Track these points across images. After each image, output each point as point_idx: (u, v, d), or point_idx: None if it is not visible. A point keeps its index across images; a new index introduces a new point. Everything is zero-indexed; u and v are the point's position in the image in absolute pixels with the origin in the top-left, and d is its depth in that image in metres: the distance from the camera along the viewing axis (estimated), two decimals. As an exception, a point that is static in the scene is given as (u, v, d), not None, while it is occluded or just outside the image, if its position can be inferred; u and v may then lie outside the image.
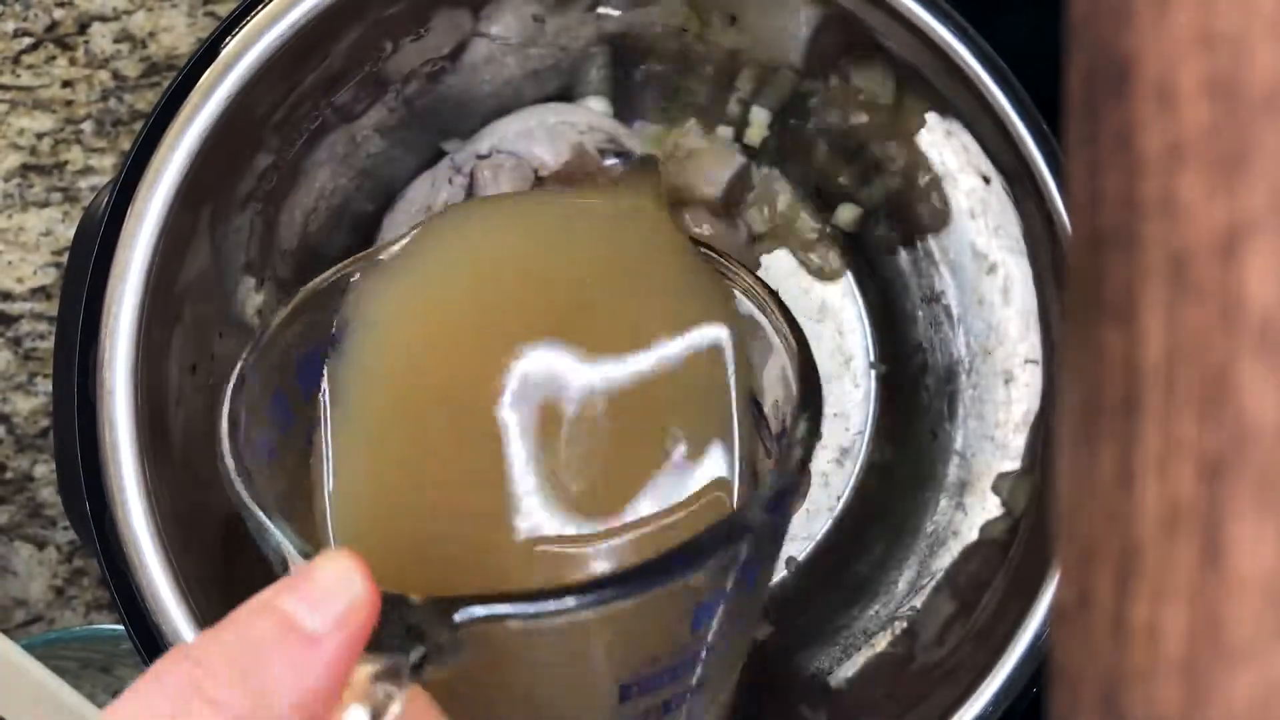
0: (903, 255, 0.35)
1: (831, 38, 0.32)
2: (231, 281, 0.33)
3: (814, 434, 0.20)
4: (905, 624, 0.33)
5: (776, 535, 0.22)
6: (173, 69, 0.38)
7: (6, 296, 0.38)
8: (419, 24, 0.33)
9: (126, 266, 0.28)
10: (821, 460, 0.36)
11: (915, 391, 0.36)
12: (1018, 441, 0.32)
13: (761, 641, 0.35)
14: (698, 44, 0.35)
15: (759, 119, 0.36)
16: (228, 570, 0.31)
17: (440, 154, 0.37)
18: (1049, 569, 0.27)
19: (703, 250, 0.24)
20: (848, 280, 0.36)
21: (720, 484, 0.22)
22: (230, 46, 0.29)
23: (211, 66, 0.29)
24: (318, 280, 0.23)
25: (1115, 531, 0.14)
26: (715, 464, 0.22)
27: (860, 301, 0.36)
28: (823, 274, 0.36)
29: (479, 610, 0.17)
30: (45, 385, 0.38)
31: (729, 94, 0.36)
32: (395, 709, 0.16)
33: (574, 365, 0.22)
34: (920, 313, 0.36)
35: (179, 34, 0.38)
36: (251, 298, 0.34)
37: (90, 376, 0.28)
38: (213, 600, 0.29)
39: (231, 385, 0.21)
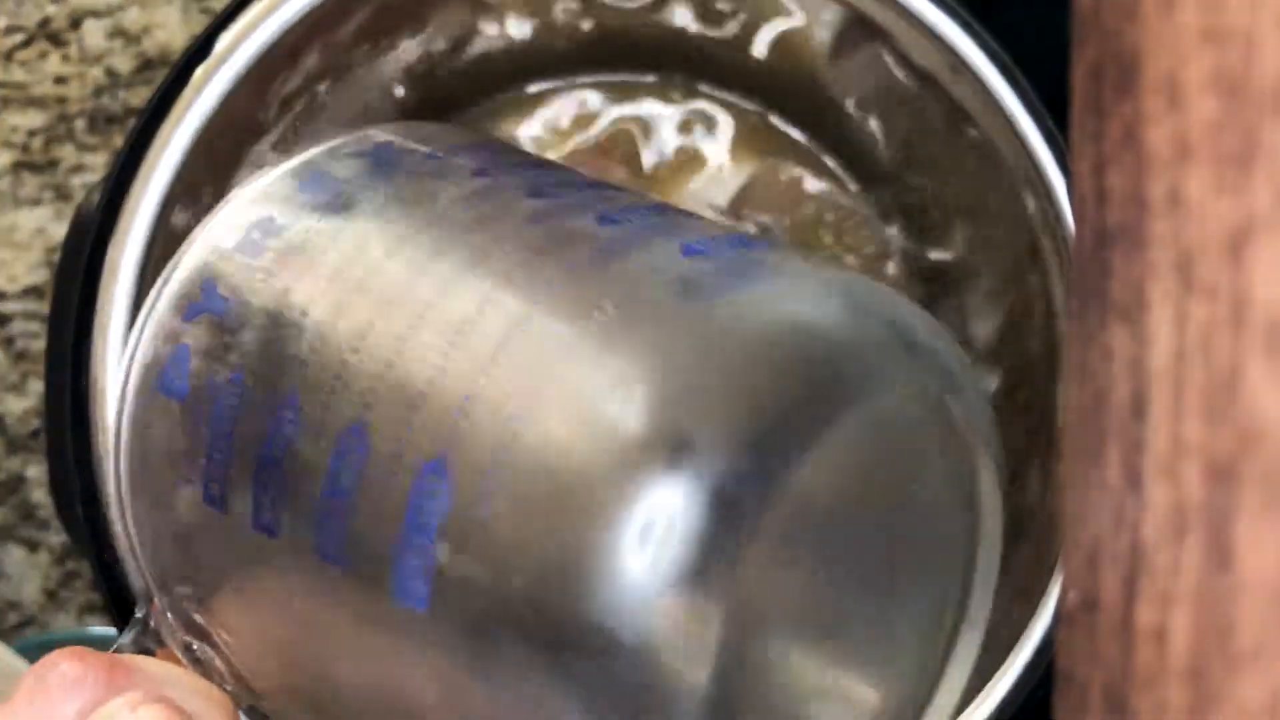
0: None
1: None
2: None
3: None
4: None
5: None
6: (166, 65, 0.38)
7: (-1, 295, 0.38)
8: (417, 19, 0.33)
9: (119, 265, 0.28)
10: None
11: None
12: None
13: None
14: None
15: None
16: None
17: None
18: (1055, 571, 0.27)
19: None
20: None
21: None
22: (224, 42, 0.28)
23: (205, 62, 0.28)
24: None
25: (1122, 533, 0.14)
26: None
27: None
28: None
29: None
30: (37, 385, 0.38)
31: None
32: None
33: None
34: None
35: (173, 29, 0.38)
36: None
37: (83, 377, 0.28)
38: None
39: None
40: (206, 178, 0.30)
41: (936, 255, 0.35)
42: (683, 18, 0.34)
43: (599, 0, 0.34)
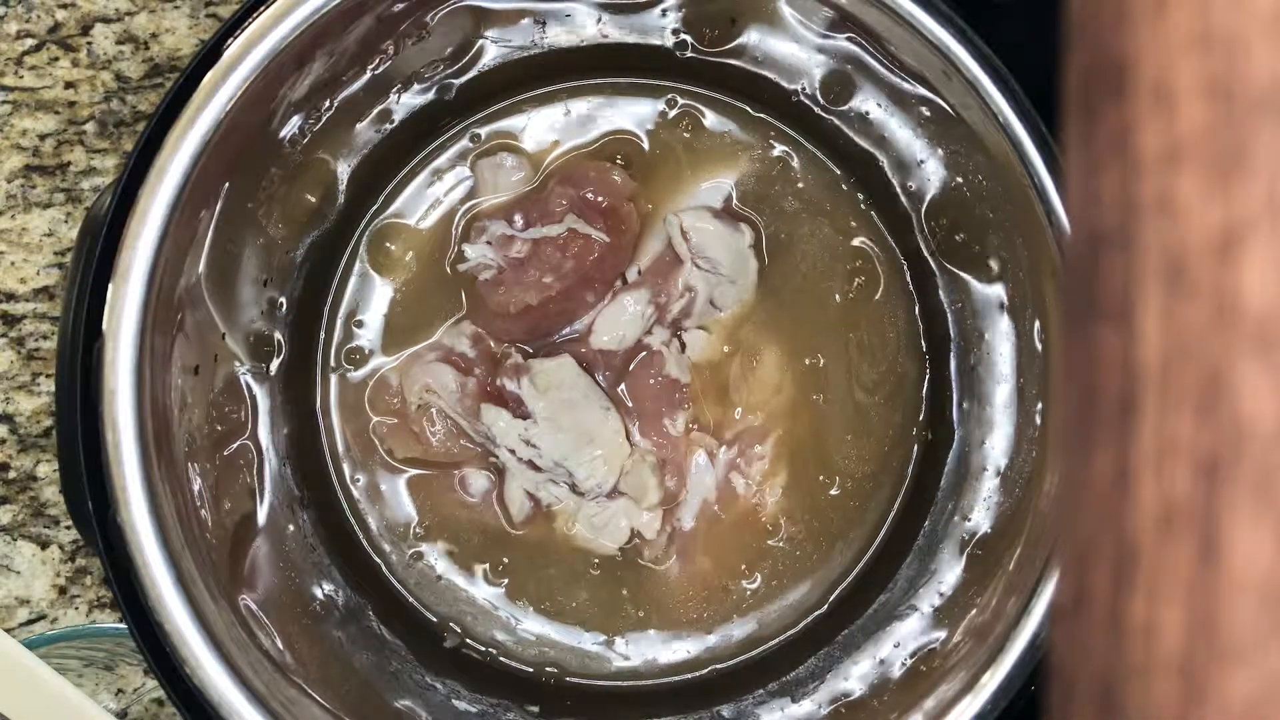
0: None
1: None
2: (234, 283, 0.33)
3: None
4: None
5: None
6: (175, 70, 0.38)
7: (9, 297, 0.38)
8: (421, 26, 0.33)
9: (129, 267, 0.28)
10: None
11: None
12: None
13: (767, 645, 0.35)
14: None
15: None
16: (230, 568, 0.31)
17: (442, 150, 0.37)
18: (1047, 568, 0.27)
19: None
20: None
21: None
22: (233, 48, 0.29)
23: (214, 68, 0.29)
24: None
25: (1112, 531, 0.14)
26: None
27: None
28: None
29: None
30: (48, 385, 0.38)
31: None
32: None
33: None
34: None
35: (181, 35, 0.38)
36: (255, 299, 0.34)
37: (93, 377, 0.28)
38: (214, 598, 0.29)
39: None
40: (215, 182, 0.30)
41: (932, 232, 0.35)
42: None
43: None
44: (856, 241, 0.36)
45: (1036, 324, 0.31)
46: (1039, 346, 0.31)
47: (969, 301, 0.34)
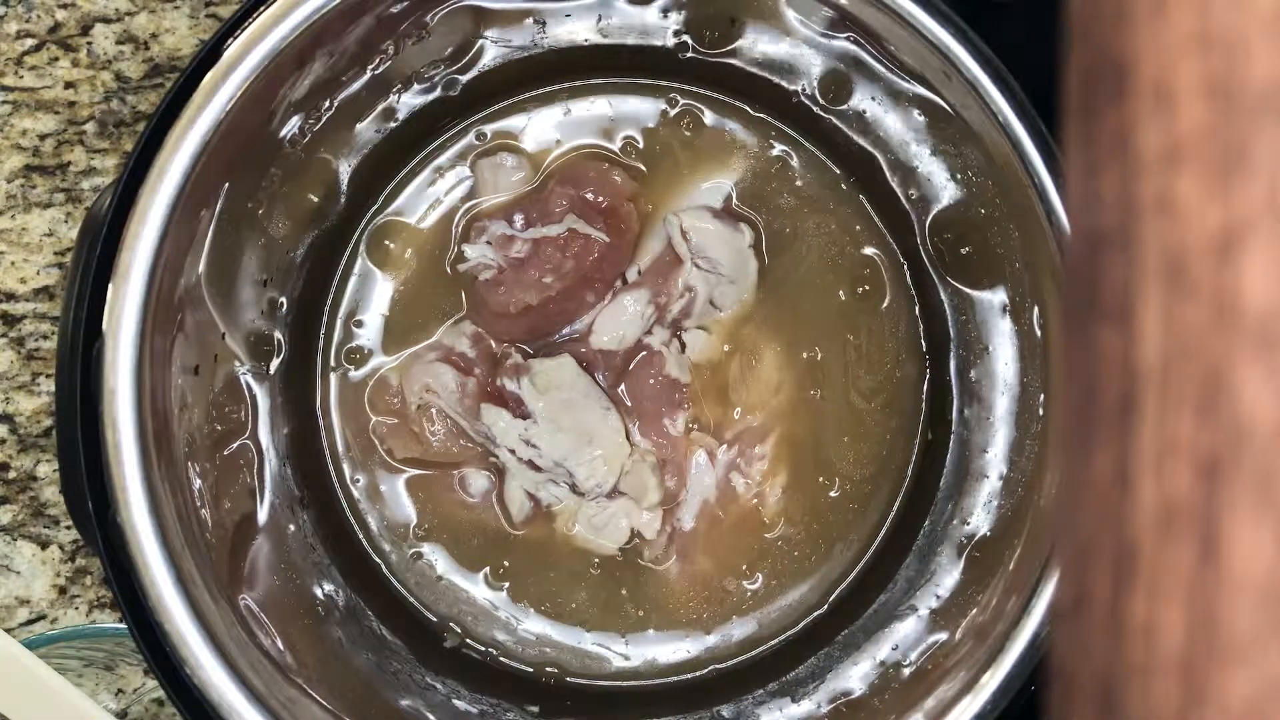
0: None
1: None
2: (234, 283, 0.33)
3: None
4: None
5: None
6: (175, 70, 0.38)
7: (9, 297, 0.38)
8: (421, 26, 0.33)
9: (129, 267, 0.28)
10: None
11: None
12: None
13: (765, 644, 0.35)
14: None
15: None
16: (230, 568, 0.31)
17: (442, 150, 0.37)
18: (1047, 568, 0.27)
19: None
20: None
21: None
22: (233, 48, 0.29)
23: (214, 68, 0.29)
24: None
25: (1112, 530, 0.14)
26: None
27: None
28: None
29: None
30: (48, 385, 0.38)
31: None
32: None
33: None
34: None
35: (181, 35, 0.38)
36: (255, 299, 0.34)
37: (93, 377, 0.28)
38: (214, 598, 0.29)
39: None
40: (215, 182, 0.30)
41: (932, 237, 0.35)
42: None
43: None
44: (856, 241, 0.36)
45: (1036, 316, 0.31)
46: (1039, 343, 0.31)
47: (969, 302, 0.34)
